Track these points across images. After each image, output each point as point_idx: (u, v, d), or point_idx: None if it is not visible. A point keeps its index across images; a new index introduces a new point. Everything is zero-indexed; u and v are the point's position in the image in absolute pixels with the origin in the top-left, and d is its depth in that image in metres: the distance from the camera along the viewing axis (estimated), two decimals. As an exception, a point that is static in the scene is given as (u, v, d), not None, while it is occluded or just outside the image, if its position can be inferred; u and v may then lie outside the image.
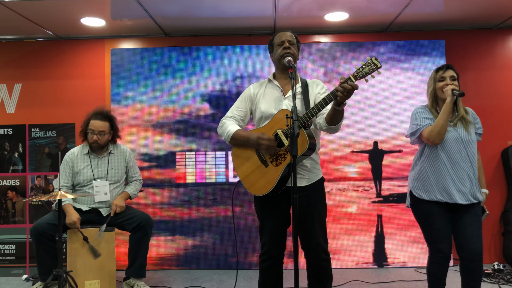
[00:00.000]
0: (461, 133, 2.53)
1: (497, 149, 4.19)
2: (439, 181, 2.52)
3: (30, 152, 4.23)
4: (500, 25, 4.24)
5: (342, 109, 2.22)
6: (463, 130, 2.54)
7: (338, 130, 2.36)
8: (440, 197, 2.51)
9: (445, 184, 2.50)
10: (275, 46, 2.52)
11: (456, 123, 2.56)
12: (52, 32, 4.22)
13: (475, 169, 2.54)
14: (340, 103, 2.18)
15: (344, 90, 2.11)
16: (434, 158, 2.55)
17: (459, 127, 2.55)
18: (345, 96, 2.13)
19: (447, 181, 2.50)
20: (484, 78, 4.25)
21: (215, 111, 4.15)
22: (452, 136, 2.52)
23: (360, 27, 4.28)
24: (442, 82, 2.58)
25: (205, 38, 4.36)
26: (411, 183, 2.68)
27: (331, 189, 4.09)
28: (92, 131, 3.36)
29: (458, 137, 2.52)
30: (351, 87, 2.10)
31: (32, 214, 4.15)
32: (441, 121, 2.47)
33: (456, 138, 2.52)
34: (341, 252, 4.08)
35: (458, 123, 2.57)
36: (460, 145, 2.51)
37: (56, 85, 4.33)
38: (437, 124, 2.48)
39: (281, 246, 2.49)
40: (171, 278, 3.83)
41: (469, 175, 2.50)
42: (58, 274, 2.63)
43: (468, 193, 2.49)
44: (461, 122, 2.57)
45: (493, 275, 3.64)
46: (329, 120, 2.30)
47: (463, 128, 2.55)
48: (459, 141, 2.52)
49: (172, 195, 4.15)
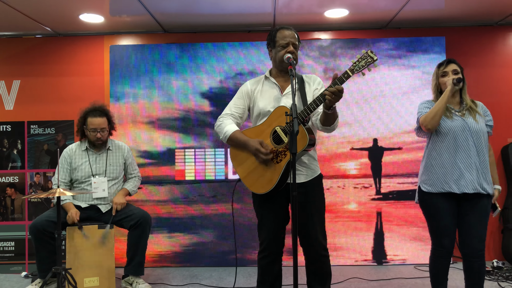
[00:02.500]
0: (469, 122, 2.53)
1: (497, 147, 4.19)
2: (446, 171, 2.51)
3: (29, 149, 4.22)
4: (501, 22, 4.23)
5: (333, 111, 2.22)
6: (471, 119, 2.54)
7: (334, 129, 2.37)
8: (448, 188, 2.49)
9: (452, 173, 2.49)
10: (277, 45, 2.45)
11: (464, 113, 2.57)
12: (50, 29, 4.20)
13: (483, 160, 2.51)
14: (329, 107, 2.17)
15: (331, 94, 2.11)
16: (440, 149, 2.55)
17: (467, 117, 2.55)
18: (334, 100, 2.13)
19: (453, 169, 2.49)
20: (484, 75, 4.23)
21: (215, 108, 4.14)
22: (458, 125, 2.52)
23: (360, 24, 4.26)
24: (446, 77, 2.58)
25: (205, 35, 4.35)
26: (419, 178, 2.68)
27: (331, 186, 4.09)
28: (94, 130, 3.34)
29: (465, 125, 2.52)
30: (337, 90, 2.10)
31: (31, 211, 4.15)
32: (436, 107, 2.51)
33: (463, 126, 2.52)
34: (341, 249, 4.08)
35: (466, 113, 2.57)
36: (467, 134, 2.51)
37: (55, 82, 4.32)
38: (432, 110, 2.52)
39: (280, 243, 2.48)
40: (170, 275, 3.83)
41: (476, 164, 2.48)
42: (57, 271, 2.62)
43: (475, 182, 2.47)
44: (469, 112, 2.58)
45: (492, 272, 3.64)
46: (323, 122, 2.30)
47: (471, 118, 2.55)
48: (467, 130, 2.51)
49: (171, 192, 4.14)
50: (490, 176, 2.55)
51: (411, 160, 4.08)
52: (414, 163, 4.06)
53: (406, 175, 4.08)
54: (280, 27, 2.50)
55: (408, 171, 4.08)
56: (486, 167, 2.52)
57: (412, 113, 4.04)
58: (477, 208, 2.51)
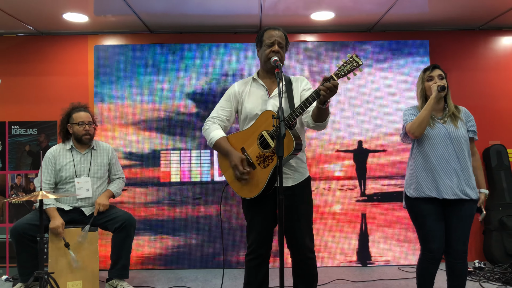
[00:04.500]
0: (449, 129, 2.57)
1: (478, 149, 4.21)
2: (428, 177, 2.55)
3: (10, 150, 4.13)
4: (483, 26, 4.31)
5: (327, 107, 2.23)
6: (451, 126, 2.58)
7: (325, 126, 2.37)
8: (429, 192, 2.53)
9: (433, 180, 2.53)
10: (263, 44, 2.46)
11: (446, 120, 2.61)
12: (33, 28, 4.12)
13: (464, 166, 2.54)
14: (324, 102, 2.19)
15: (327, 89, 2.12)
16: (423, 155, 2.59)
17: (449, 124, 2.59)
18: (328, 95, 2.14)
19: (435, 177, 2.53)
20: (466, 79, 4.31)
21: (201, 110, 4.12)
22: (440, 133, 2.56)
23: (346, 27, 4.29)
24: (431, 82, 2.62)
25: (190, 36, 4.32)
26: (405, 183, 2.72)
27: (316, 188, 4.11)
28: (82, 123, 3.31)
29: (446, 133, 2.56)
30: (333, 85, 2.11)
31: (12, 213, 4.06)
32: (422, 114, 2.54)
33: (444, 134, 2.56)
34: (326, 250, 4.10)
35: (448, 119, 2.61)
36: (447, 141, 2.55)
37: (37, 82, 4.24)
38: (419, 117, 2.55)
39: (268, 245, 2.48)
40: (155, 278, 3.80)
41: (456, 171, 2.52)
42: (40, 275, 2.57)
43: (456, 188, 2.50)
44: (451, 118, 2.61)
45: (474, 273, 3.70)
46: (316, 118, 2.30)
47: (452, 124, 2.59)
48: (447, 137, 2.55)
49: (156, 194, 4.11)
50: (473, 181, 2.57)
51: (395, 162, 4.12)
52: (399, 165, 4.11)
53: (390, 177, 4.13)
54: (268, 27, 2.50)
55: (392, 173, 4.13)
56: (468, 172, 2.55)
57: (397, 115, 4.09)
58: (460, 212, 2.55)
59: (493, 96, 4.30)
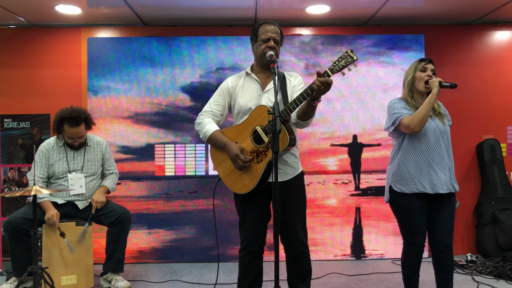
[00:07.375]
0: (438, 124, 2.59)
1: (472, 143, 4.29)
2: (421, 172, 2.54)
3: (3, 143, 4.09)
4: (478, 21, 4.31)
5: (316, 105, 2.22)
6: (438, 121, 2.60)
7: (307, 126, 2.39)
8: (422, 188, 2.53)
9: (427, 174, 2.53)
10: (259, 39, 2.44)
11: (432, 115, 2.62)
12: (25, 19, 4.06)
13: (451, 160, 2.60)
14: (316, 98, 2.18)
15: (321, 85, 2.11)
16: (414, 150, 2.57)
17: (435, 118, 2.61)
18: (322, 92, 2.13)
19: (429, 171, 2.53)
20: (461, 73, 4.31)
21: (195, 103, 4.10)
22: (431, 127, 2.57)
23: (341, 20, 4.28)
24: (424, 73, 2.61)
25: (185, 28, 4.29)
26: (390, 178, 2.69)
27: (311, 182, 4.11)
28: (72, 140, 3.27)
29: (436, 127, 2.57)
30: (326, 81, 2.10)
31: (5, 207, 4.04)
32: (424, 109, 2.50)
33: (435, 128, 2.57)
34: (320, 244, 4.12)
35: (432, 114, 2.63)
36: (438, 135, 2.56)
37: (29, 75, 4.19)
38: (420, 112, 2.50)
39: (261, 240, 2.48)
40: (149, 271, 3.80)
41: (448, 165, 2.56)
42: (33, 270, 2.56)
43: (449, 182, 2.55)
44: (436, 114, 2.63)
45: (466, 266, 3.74)
46: (301, 115, 2.30)
47: (438, 120, 2.61)
48: (437, 131, 2.56)
49: (151, 188, 4.09)
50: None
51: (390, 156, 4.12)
52: (393, 159, 4.12)
53: (384, 171, 4.11)
54: (264, 22, 2.48)
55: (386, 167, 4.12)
56: (453, 166, 2.61)
57: (391, 110, 4.09)
58: (447, 205, 2.59)
59: (488, 91, 4.32)
